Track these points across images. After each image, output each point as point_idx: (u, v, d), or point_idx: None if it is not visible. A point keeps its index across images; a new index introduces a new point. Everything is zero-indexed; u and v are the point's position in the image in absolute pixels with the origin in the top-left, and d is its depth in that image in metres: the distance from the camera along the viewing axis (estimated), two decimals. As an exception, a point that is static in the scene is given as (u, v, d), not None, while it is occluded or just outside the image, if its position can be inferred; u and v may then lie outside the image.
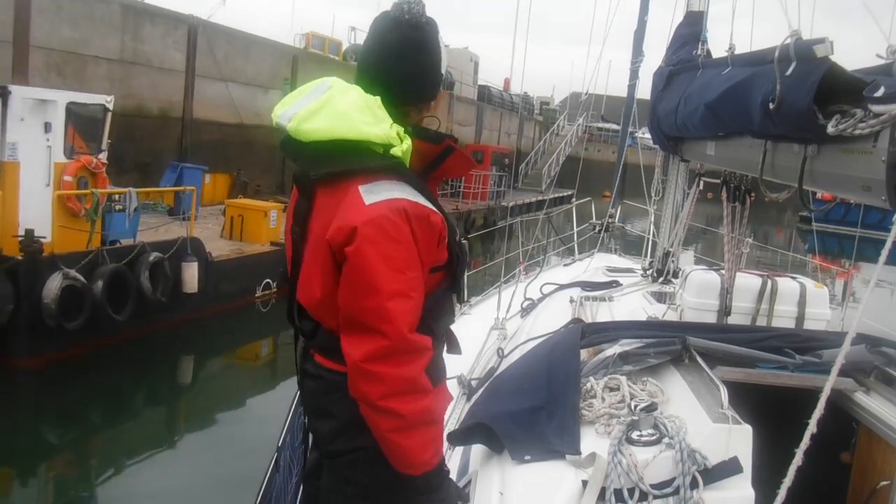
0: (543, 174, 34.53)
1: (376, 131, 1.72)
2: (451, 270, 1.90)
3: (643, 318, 3.89)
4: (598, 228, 7.61)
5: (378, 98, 1.79)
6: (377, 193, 1.70)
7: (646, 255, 6.74)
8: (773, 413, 2.64)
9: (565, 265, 6.79)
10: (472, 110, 34.73)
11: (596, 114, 35.68)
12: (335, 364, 1.84)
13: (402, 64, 1.85)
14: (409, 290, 1.71)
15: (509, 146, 36.10)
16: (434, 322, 1.85)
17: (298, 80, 18.94)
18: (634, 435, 2.19)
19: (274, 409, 6.24)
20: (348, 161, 1.73)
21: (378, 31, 1.87)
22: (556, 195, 27.64)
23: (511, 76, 36.76)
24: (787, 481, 1.74)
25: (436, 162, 1.93)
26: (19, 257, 8.32)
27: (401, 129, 1.77)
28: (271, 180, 19.62)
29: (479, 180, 25.28)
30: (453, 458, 2.57)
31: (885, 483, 2.56)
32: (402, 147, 1.75)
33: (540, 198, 27.66)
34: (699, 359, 2.66)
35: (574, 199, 8.61)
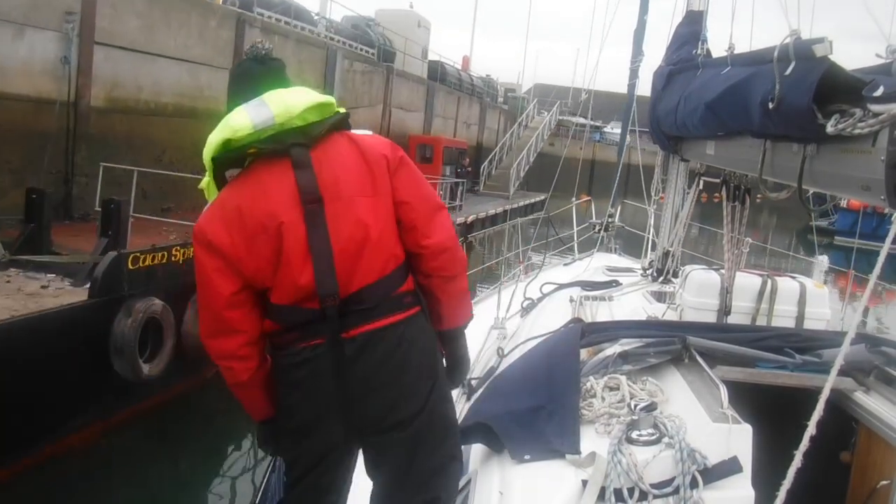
0: (511, 174, 27.39)
1: (326, 97, 2.01)
2: None
3: (643, 317, 3.90)
4: (597, 228, 7.61)
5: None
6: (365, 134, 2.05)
7: (645, 255, 6.74)
8: (772, 412, 2.64)
9: (565, 265, 6.78)
10: (421, 91, 24.84)
11: (565, 106, 33.94)
12: (390, 318, 1.89)
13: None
14: None
15: (468, 140, 28.95)
16: None
17: (101, 17, 11.07)
18: (634, 434, 2.19)
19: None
20: (330, 121, 1.96)
21: None
22: (526, 202, 23.68)
23: (471, 54, 30.52)
24: (787, 483, 1.75)
25: None
26: None
27: None
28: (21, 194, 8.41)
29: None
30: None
31: (884, 483, 2.56)
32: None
33: (508, 206, 21.58)
34: (699, 358, 2.66)
35: (575, 199, 8.60)
